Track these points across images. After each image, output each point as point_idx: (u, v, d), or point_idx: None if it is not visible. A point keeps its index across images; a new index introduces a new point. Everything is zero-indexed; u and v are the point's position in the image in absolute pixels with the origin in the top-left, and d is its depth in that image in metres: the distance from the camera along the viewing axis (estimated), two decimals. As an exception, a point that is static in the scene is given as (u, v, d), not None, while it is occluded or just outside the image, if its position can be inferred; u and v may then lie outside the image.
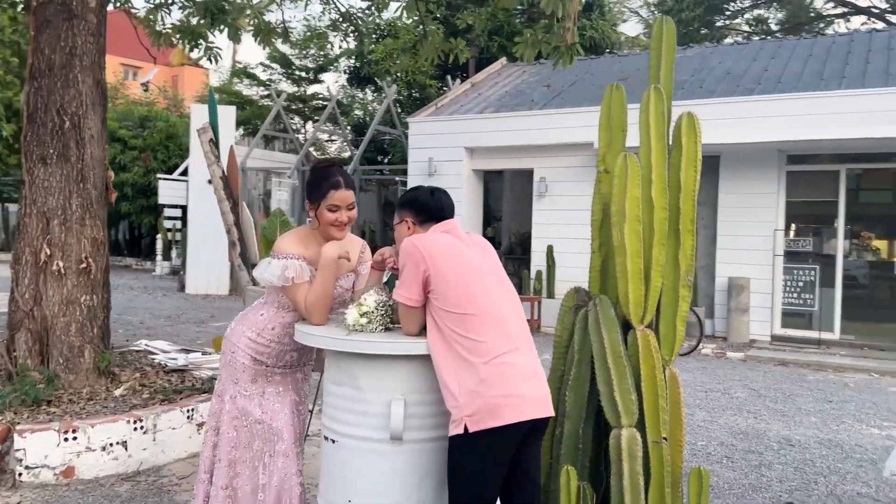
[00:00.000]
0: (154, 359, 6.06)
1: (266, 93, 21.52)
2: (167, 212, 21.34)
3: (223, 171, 4.83)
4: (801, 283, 10.46)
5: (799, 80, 11.31)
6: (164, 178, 20.17)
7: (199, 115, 16.46)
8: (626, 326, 2.93)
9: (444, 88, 18.69)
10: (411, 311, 2.69)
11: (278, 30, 8.54)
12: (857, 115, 9.74)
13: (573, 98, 12.90)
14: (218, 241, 16.12)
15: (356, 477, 2.79)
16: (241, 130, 20.05)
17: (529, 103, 13.11)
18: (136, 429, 4.43)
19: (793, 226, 11.00)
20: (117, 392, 4.98)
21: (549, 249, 11.77)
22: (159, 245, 21.08)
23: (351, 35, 9.28)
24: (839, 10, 24.21)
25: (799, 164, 10.78)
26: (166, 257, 21.45)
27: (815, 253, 10.69)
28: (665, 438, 2.84)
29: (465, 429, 2.47)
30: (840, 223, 10.54)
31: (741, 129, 10.42)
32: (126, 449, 4.38)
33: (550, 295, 11.77)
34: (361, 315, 2.82)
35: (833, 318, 10.42)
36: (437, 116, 13.49)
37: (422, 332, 2.74)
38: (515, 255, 15.35)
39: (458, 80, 15.98)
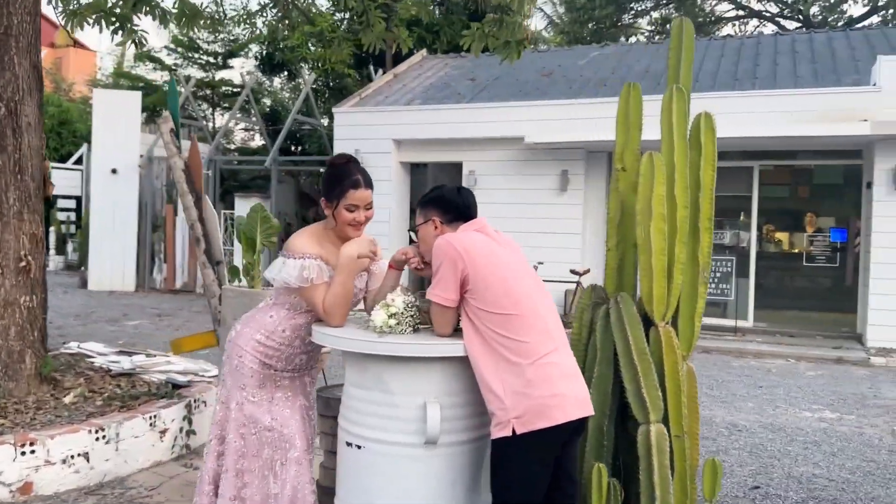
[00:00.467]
0: (92, 362, 5.68)
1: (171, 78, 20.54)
2: (60, 203, 20.08)
3: (185, 164, 4.56)
4: (718, 274, 10.98)
5: (715, 80, 11.85)
6: (58, 167, 18.96)
7: (102, 101, 15.56)
8: (644, 322, 2.97)
9: (360, 79, 18.43)
10: (447, 311, 2.62)
11: (205, 13, 8.15)
12: (770, 115, 10.30)
13: (499, 92, 13.01)
14: (123, 234, 15.36)
15: (385, 482, 2.69)
16: (142, 117, 19.06)
17: (456, 96, 13.13)
18: (97, 439, 4.13)
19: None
20: (66, 399, 4.63)
21: (479, 242, 11.84)
22: (52, 239, 19.81)
23: (284, 23, 8.96)
24: (734, 14, 25.51)
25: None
26: (60, 251, 20.20)
27: (731, 245, 11.26)
28: (685, 433, 2.91)
29: (513, 431, 2.44)
30: (753, 217, 11.14)
31: (658, 126, 10.80)
32: (88, 461, 4.08)
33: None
34: (390, 316, 2.72)
35: (748, 307, 11.02)
36: (363, 107, 13.29)
37: (454, 333, 2.68)
38: (438, 247, 15.34)
39: (382, 71, 15.79)
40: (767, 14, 23.90)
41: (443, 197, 2.79)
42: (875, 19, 21.20)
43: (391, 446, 2.68)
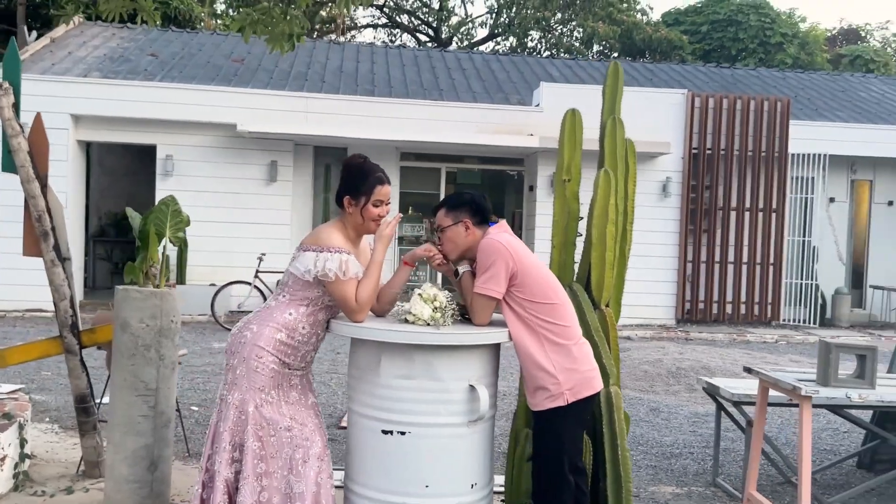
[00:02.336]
0: None
1: None
2: None
3: (29, 146, 3.83)
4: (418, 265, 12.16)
5: (406, 87, 13.00)
6: None
7: None
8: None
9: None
10: (493, 303, 2.97)
11: None
12: (457, 124, 11.78)
13: (196, 73, 12.42)
14: None
15: (433, 462, 2.94)
16: None
17: (144, 72, 12.14)
18: (-57, 477, 3.36)
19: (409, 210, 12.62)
20: None
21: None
22: None
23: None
24: (372, 21, 27.48)
25: (410, 161, 12.46)
26: None
27: (426, 239, 12.54)
28: (616, 392, 3.67)
29: (566, 400, 2.91)
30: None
31: (365, 126, 11.58)
32: (-64, 505, 3.31)
33: (182, 281, 11.23)
34: (434, 310, 2.96)
35: (437, 292, 12.41)
36: (26, 74, 11.43)
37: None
38: (108, 237, 13.92)
39: (35, 33, 13.64)
40: (406, 25, 26.31)
41: (474, 201, 3.11)
42: (491, 44, 24.90)
43: (441, 428, 2.94)
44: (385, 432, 2.96)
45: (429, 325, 2.96)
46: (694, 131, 12.20)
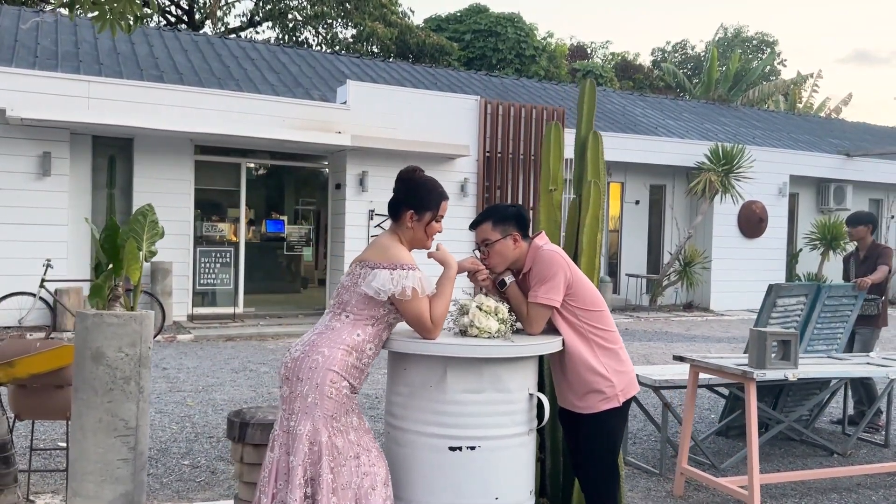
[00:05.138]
0: None
1: None
2: None
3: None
4: (217, 265, 11.38)
5: (197, 75, 12.06)
6: None
7: None
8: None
9: None
10: (549, 312, 3.04)
11: None
12: (260, 117, 11.25)
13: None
14: None
15: (501, 473, 2.95)
16: None
17: None
18: None
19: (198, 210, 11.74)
20: None
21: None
22: None
23: None
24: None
25: (207, 155, 11.60)
26: None
27: (224, 237, 11.76)
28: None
29: (619, 401, 3.08)
30: (242, 210, 11.89)
31: (156, 115, 10.59)
32: None
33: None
34: (500, 322, 2.94)
35: (238, 295, 11.73)
36: None
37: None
38: None
39: None
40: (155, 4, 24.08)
41: (521, 215, 3.14)
42: (251, 32, 23.87)
43: (509, 439, 2.96)
44: (453, 449, 2.89)
45: (495, 337, 2.94)
46: (487, 135, 12.96)
